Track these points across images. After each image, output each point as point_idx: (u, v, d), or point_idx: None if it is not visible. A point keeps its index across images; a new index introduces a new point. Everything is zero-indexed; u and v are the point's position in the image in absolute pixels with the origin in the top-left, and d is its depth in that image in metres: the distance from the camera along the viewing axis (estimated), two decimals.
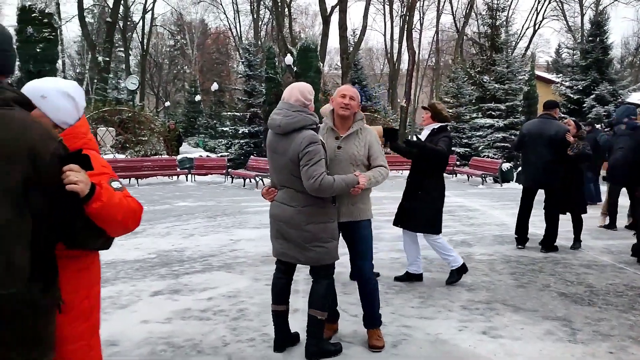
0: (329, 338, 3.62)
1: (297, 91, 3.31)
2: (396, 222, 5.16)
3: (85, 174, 1.68)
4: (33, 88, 1.88)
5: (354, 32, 31.20)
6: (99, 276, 2.14)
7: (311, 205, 3.26)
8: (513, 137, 17.19)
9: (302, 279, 5.36)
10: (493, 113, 19.69)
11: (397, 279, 5.25)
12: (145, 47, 41.95)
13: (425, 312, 4.33)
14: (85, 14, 28.54)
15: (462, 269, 5.11)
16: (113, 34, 28.41)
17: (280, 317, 3.57)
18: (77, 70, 45.87)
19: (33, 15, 10.50)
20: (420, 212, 4.97)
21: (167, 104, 45.80)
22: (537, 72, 27.64)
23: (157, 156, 17.62)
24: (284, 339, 3.59)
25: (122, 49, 39.63)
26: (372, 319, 3.66)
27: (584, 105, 19.58)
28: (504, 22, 22.22)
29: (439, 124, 5.08)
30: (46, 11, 10.82)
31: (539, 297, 4.71)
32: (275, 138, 3.32)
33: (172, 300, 4.65)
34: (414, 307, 4.43)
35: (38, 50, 10.75)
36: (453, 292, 4.85)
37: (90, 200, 1.69)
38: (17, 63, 11.43)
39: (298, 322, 4.08)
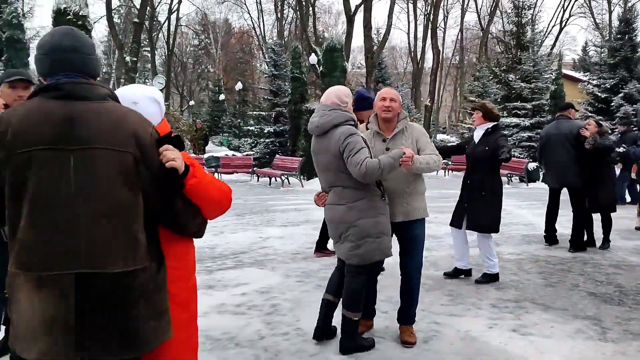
0: (362, 333, 3.72)
1: (333, 94, 3.47)
2: (456, 223, 5.22)
3: (179, 153, 1.84)
4: (124, 94, 2.03)
5: (377, 31, 31.20)
6: (194, 268, 2.21)
7: (360, 200, 3.33)
8: (539, 135, 17.04)
9: None
10: (519, 112, 19.53)
11: (447, 275, 5.35)
12: (170, 46, 42.53)
13: (454, 309, 4.41)
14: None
15: (495, 277, 5.16)
16: (140, 35, 28.89)
17: (327, 307, 3.65)
18: (104, 70, 46.74)
19: (68, 17, 10.80)
20: (487, 213, 5.05)
21: (192, 103, 46.38)
22: (564, 71, 27.27)
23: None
24: (324, 329, 3.68)
25: (148, 49, 40.28)
26: (407, 316, 3.75)
27: (612, 104, 19.28)
28: (530, 20, 22.00)
29: (492, 123, 5.20)
30: (80, 14, 11.13)
31: (569, 296, 4.74)
32: (316, 140, 3.49)
33: (208, 295, 4.80)
34: (443, 305, 4.51)
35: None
36: (482, 291, 4.92)
37: (186, 177, 1.83)
38: None
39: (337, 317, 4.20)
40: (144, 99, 2.04)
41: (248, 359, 3.45)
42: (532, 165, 16.04)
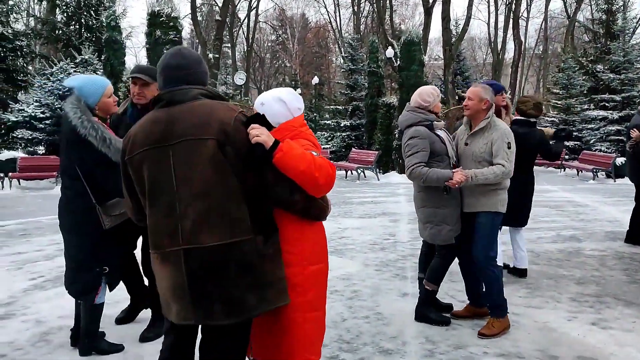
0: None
1: (417, 95, 3.90)
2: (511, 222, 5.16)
3: (265, 130, 2.10)
4: (258, 98, 2.39)
5: (456, 22, 30.56)
6: (321, 256, 2.30)
7: (422, 191, 3.87)
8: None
9: (409, 267, 5.68)
10: (607, 105, 18.58)
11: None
12: (249, 42, 43.81)
13: (532, 302, 4.47)
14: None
15: (524, 272, 5.19)
16: (222, 32, 30.07)
17: (420, 283, 4.14)
18: None
19: (161, 19, 11.61)
20: (526, 207, 5.14)
21: None
22: None
23: None
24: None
25: (228, 45, 41.71)
26: (491, 307, 3.85)
27: None
28: (621, 7, 20.78)
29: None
30: (172, 15, 11.92)
31: None
32: (400, 135, 3.94)
33: None
34: (521, 297, 4.58)
35: (165, 51, 11.88)
36: (561, 285, 4.93)
37: (274, 152, 2.07)
38: (148, 63, 12.68)
39: (408, 305, 4.42)
40: (269, 99, 2.33)
41: (332, 338, 3.73)
42: (620, 161, 15.27)
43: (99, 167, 3.11)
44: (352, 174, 16.69)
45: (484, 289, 3.91)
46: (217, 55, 26.89)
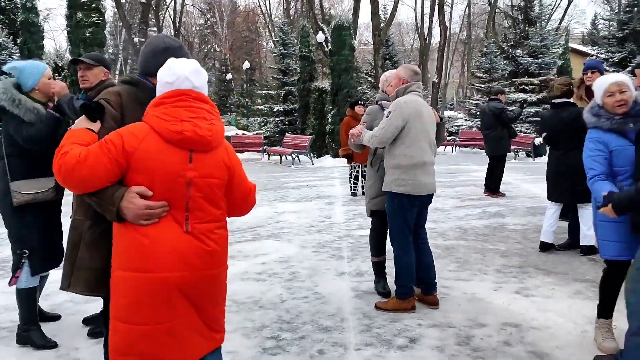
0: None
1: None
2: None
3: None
4: None
5: (384, 8, 31.05)
6: (131, 264, 1.96)
7: None
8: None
9: (345, 247, 5.81)
10: (526, 87, 19.61)
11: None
12: (177, 26, 42.49)
13: (462, 275, 4.72)
14: None
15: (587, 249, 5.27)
16: (148, 15, 28.96)
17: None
18: (110, 51, 46.77)
19: (82, 1, 11.04)
20: (565, 183, 5.30)
21: None
22: (572, 45, 27.16)
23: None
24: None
25: (155, 29, 40.22)
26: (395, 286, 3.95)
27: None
28: None
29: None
30: None
31: (570, 262, 5.03)
32: None
33: (230, 265, 5.07)
34: (451, 271, 4.82)
35: (87, 34, 11.34)
36: (487, 258, 5.22)
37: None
38: (68, 47, 12.05)
39: (345, 283, 4.54)
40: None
41: (272, 319, 3.78)
42: (538, 140, 16.20)
43: (16, 131, 3.15)
44: (286, 159, 16.72)
45: (435, 279, 4.03)
46: (142, 40, 25.89)
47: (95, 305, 3.88)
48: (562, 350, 3.18)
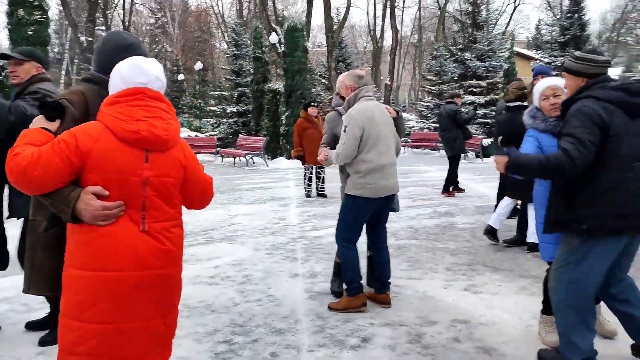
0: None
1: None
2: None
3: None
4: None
5: (337, 10, 31.28)
6: (84, 263, 1.94)
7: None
8: (494, 112, 17.70)
9: (299, 248, 5.81)
10: (474, 90, 20.16)
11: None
12: (126, 25, 41.43)
13: (413, 274, 4.80)
14: None
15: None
16: (95, 13, 28.13)
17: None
18: (56, 50, 45.11)
19: None
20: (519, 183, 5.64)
21: None
22: (517, 49, 28.13)
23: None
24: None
25: (103, 28, 39.09)
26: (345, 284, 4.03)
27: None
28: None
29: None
30: None
31: (515, 259, 5.21)
32: None
33: (182, 269, 5.04)
34: (403, 270, 4.90)
35: (30, 32, 10.88)
36: (438, 256, 5.34)
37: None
38: (10, 46, 11.52)
39: (299, 284, 4.54)
40: (114, 71, 2.11)
41: (225, 323, 3.73)
42: (486, 141, 16.70)
43: None
44: (240, 160, 16.58)
45: (389, 279, 4.09)
46: (90, 39, 25.13)
47: (37, 313, 3.74)
48: (508, 345, 3.29)
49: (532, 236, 5.40)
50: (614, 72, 22.18)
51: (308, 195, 9.40)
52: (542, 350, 3.11)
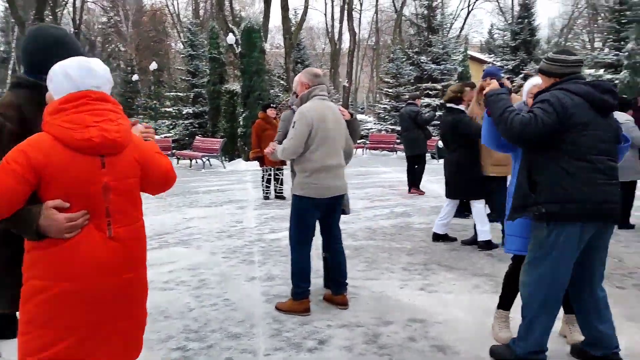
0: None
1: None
2: None
3: None
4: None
5: (295, 12, 31.26)
6: (39, 273, 1.87)
7: None
8: None
9: (256, 251, 5.76)
10: (430, 92, 20.52)
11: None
12: (77, 24, 40.18)
13: (370, 274, 4.83)
14: None
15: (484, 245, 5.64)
16: (43, 11, 27.14)
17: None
18: (2, 49, 43.31)
19: None
20: (452, 182, 5.90)
21: None
22: (471, 53, 28.80)
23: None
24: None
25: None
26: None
27: (514, 84, 20.76)
28: (440, 4, 23.02)
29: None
30: None
31: (469, 257, 5.31)
32: None
33: None
34: (360, 271, 4.91)
35: None
36: (394, 257, 5.38)
37: None
38: None
39: (256, 288, 4.49)
40: (57, 72, 1.95)
41: (179, 329, 3.65)
42: (441, 143, 17.01)
43: None
44: (197, 162, 16.31)
45: (346, 280, 4.08)
46: None
47: None
48: (462, 343, 3.34)
49: (481, 235, 5.56)
50: None
51: (266, 198, 9.33)
52: (494, 347, 3.17)
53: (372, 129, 22.27)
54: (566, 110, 2.70)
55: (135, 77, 35.84)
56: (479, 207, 5.59)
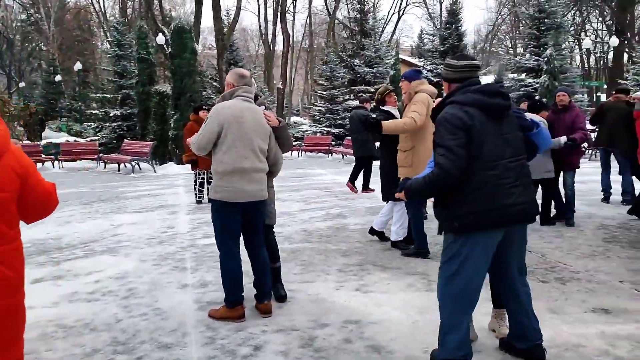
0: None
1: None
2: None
3: None
4: None
5: (227, 13, 30.86)
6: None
7: None
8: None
9: (188, 257, 5.59)
10: (364, 95, 20.84)
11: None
12: None
13: (306, 277, 4.79)
14: None
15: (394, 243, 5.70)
16: None
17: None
18: None
19: None
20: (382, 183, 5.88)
21: (22, 84, 41.75)
22: (402, 56, 29.51)
23: (18, 143, 16.30)
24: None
25: None
26: None
27: (442, 87, 21.48)
28: (372, 8, 23.46)
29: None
30: None
31: (403, 257, 5.39)
32: None
33: (56, 285, 4.62)
34: (296, 274, 4.87)
35: None
36: (330, 258, 5.38)
37: None
38: None
39: (188, 295, 4.35)
40: None
41: (105, 341, 3.46)
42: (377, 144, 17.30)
43: None
44: (125, 166, 15.70)
45: (269, 287, 3.98)
46: None
47: None
48: (396, 342, 3.36)
49: (393, 235, 5.67)
50: (486, 81, 24.03)
51: (199, 202, 9.10)
52: (434, 350, 3.12)
53: (307, 131, 22.33)
54: (465, 125, 2.70)
55: (58, 78, 34.07)
56: (396, 207, 5.69)
